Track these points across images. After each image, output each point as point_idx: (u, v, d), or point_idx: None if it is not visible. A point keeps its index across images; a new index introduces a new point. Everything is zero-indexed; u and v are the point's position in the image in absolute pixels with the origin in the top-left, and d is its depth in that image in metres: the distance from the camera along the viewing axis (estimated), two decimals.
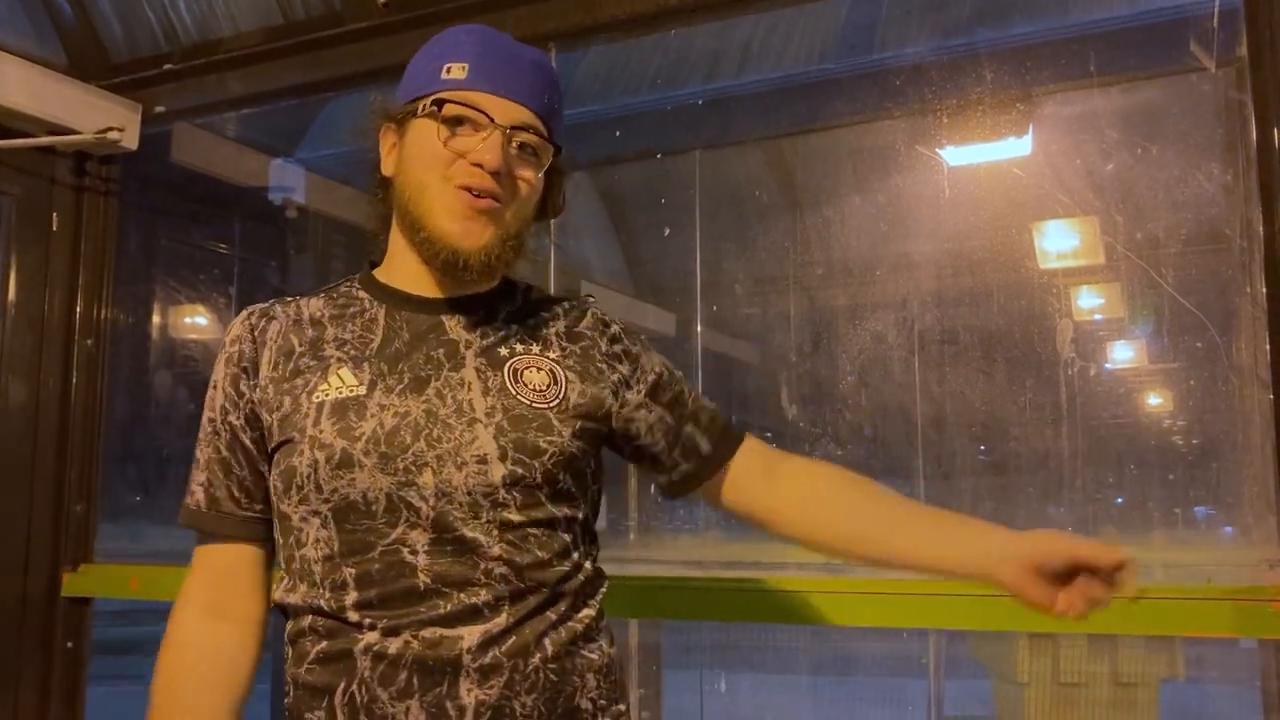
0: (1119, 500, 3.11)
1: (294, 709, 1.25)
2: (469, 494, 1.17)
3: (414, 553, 1.16)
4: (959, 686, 5.32)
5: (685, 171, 3.76)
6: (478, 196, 1.19)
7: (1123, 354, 3.31)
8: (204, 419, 1.33)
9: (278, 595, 1.29)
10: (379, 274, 1.34)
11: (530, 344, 1.28)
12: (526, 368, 1.25)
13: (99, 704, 2.88)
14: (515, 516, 1.20)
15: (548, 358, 1.28)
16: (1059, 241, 3.11)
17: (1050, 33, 2.61)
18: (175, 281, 3.65)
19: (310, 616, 1.22)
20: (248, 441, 1.29)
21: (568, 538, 1.26)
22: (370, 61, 2.57)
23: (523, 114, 1.21)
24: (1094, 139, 2.93)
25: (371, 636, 1.16)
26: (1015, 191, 3.02)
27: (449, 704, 1.14)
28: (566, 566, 1.24)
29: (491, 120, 1.19)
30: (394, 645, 1.15)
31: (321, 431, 1.19)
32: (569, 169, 1.35)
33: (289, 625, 1.28)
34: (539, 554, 1.21)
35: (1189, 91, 2.63)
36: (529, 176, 1.24)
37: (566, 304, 1.38)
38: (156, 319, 3.63)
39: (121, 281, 2.95)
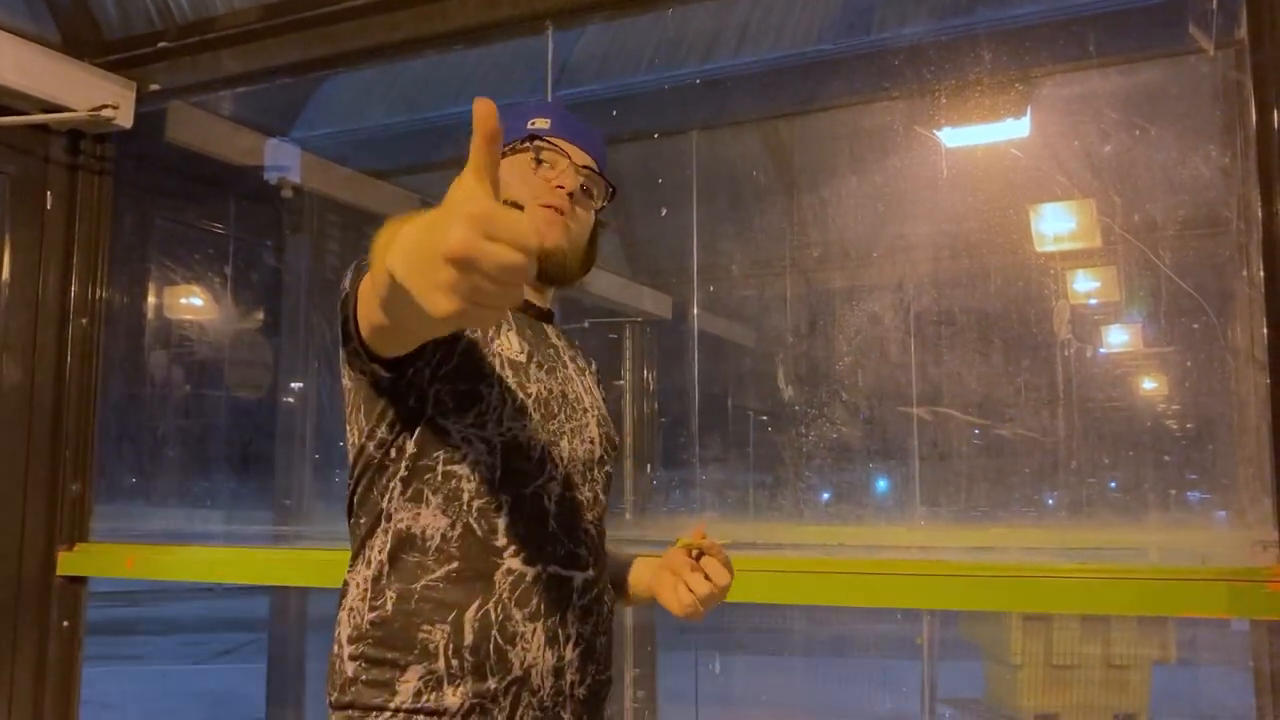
0: (1113, 484, 3.12)
1: (401, 620, 1.31)
2: (584, 464, 1.46)
3: (549, 500, 1.39)
4: (952, 668, 5.34)
5: (682, 152, 3.75)
6: (554, 212, 1.48)
7: (1119, 337, 3.31)
8: None
9: (402, 518, 1.35)
10: None
11: (586, 366, 1.59)
12: (595, 382, 1.58)
13: (94, 684, 2.89)
14: (601, 493, 1.49)
15: (594, 378, 1.60)
16: (1056, 224, 3.11)
17: (1049, 13, 2.60)
18: (170, 261, 3.64)
19: (441, 536, 1.34)
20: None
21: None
22: (368, 39, 2.56)
23: (588, 160, 1.55)
24: (1092, 120, 2.93)
25: (513, 562, 1.34)
26: (1013, 173, 3.01)
27: (560, 631, 1.36)
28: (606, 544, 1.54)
29: (568, 157, 1.51)
30: (530, 573, 1.35)
31: (506, 377, 1.39)
32: (608, 221, 1.64)
33: (392, 540, 1.34)
34: (604, 527, 1.51)
35: (1188, 73, 2.62)
36: (588, 209, 1.56)
37: (580, 348, 1.67)
38: (151, 299, 3.63)
39: (116, 261, 2.94)
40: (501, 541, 1.34)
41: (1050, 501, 3.24)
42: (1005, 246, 3.13)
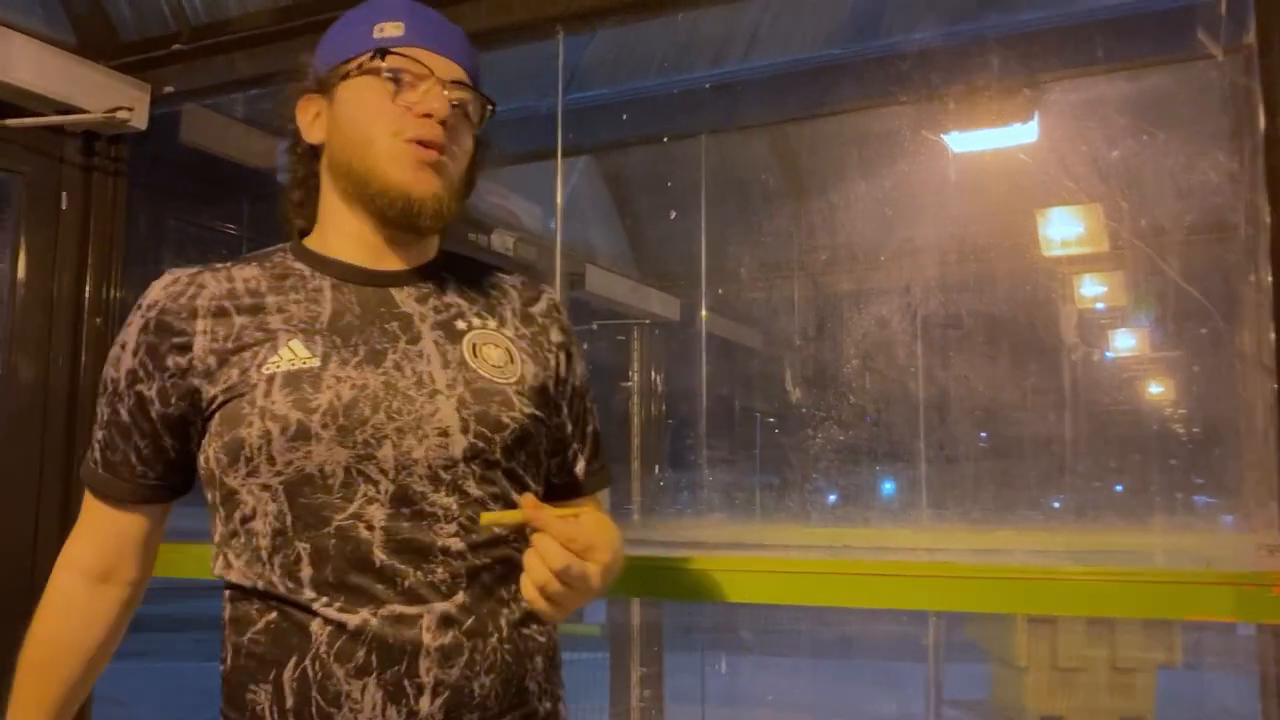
0: (1119, 487, 3.13)
1: (234, 678, 1.18)
2: (429, 467, 1.15)
3: (370, 528, 1.13)
4: (958, 670, 5.34)
5: (691, 156, 3.77)
6: (426, 148, 1.20)
7: (1126, 341, 3.32)
8: (105, 374, 1.27)
9: (217, 570, 1.21)
10: (312, 244, 1.30)
11: (486, 319, 1.27)
12: (485, 343, 1.24)
13: (105, 680, 2.90)
14: (474, 490, 1.17)
15: (504, 335, 1.27)
16: (1064, 228, 3.12)
17: (1057, 19, 2.61)
18: (183, 262, 3.65)
19: (256, 590, 1.17)
20: (154, 414, 1.22)
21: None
22: None
23: (458, 71, 1.24)
24: (1100, 126, 2.94)
25: (329, 612, 1.12)
26: (1020, 178, 3.02)
27: (407, 683, 1.11)
28: (520, 545, 1.19)
29: (432, 73, 1.21)
30: (354, 621, 1.11)
31: (274, 403, 1.14)
32: (489, 142, 1.33)
33: (230, 592, 1.21)
34: (495, 530, 1.20)
35: (1196, 78, 2.63)
36: (466, 132, 1.26)
37: (520, 281, 1.36)
38: None
39: (130, 261, 2.96)
40: (309, 594, 1.12)
41: (1057, 505, 3.25)
42: (1012, 251, 3.14)
